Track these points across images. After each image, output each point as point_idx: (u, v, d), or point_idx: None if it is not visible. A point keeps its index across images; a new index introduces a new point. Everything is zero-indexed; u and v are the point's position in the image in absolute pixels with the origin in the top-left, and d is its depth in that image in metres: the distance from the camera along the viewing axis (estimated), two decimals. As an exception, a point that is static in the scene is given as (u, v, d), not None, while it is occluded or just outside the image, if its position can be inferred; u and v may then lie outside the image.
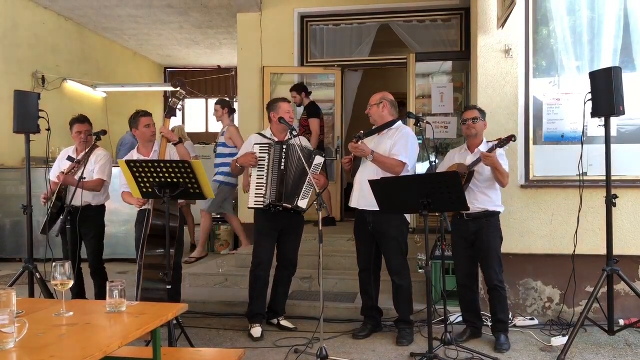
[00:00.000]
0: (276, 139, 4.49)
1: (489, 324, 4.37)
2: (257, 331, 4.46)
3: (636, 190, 4.72)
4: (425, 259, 3.75)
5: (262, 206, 4.36)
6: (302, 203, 4.39)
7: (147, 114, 4.59)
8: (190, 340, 3.98)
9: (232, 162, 4.68)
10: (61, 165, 4.86)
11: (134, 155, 4.59)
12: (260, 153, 4.39)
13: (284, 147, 4.37)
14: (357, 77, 8.33)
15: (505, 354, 4.00)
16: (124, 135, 7.42)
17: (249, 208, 4.49)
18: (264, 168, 4.37)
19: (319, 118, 6.96)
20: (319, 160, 4.43)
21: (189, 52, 11.77)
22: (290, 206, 4.35)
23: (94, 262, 4.85)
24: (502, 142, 4.08)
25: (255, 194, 4.37)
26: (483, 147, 4.19)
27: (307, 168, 4.18)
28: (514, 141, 4.14)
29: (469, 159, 4.22)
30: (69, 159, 4.75)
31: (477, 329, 4.36)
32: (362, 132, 4.30)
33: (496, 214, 4.22)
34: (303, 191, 4.37)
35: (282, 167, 4.34)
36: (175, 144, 4.40)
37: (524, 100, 4.86)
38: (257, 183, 4.38)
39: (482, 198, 4.17)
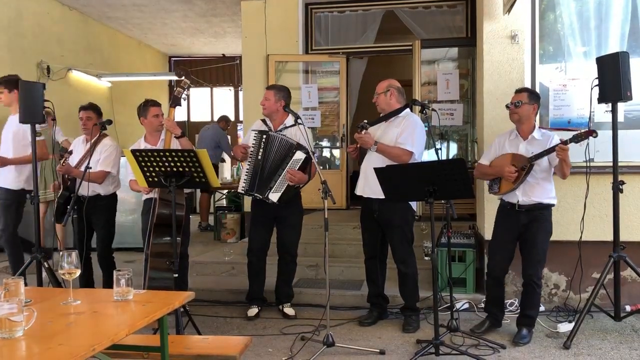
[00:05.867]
0: (272, 127, 4.53)
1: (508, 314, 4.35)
2: (252, 311, 4.66)
3: (643, 176, 4.68)
4: (431, 246, 3.75)
5: (242, 192, 4.52)
6: (274, 196, 4.37)
7: (157, 104, 4.59)
8: (198, 328, 4.01)
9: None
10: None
11: (141, 144, 4.59)
12: (252, 140, 4.47)
13: (264, 136, 4.40)
14: (362, 64, 8.28)
15: (512, 342, 4.00)
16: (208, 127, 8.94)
17: (237, 192, 4.64)
18: (252, 155, 4.44)
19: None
20: (299, 155, 4.34)
21: (193, 40, 11.71)
22: (260, 196, 4.40)
23: (102, 251, 4.87)
24: (580, 137, 3.75)
25: (243, 179, 4.49)
26: (537, 134, 3.99)
27: (284, 161, 4.29)
28: (595, 137, 3.78)
29: (522, 148, 4.00)
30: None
31: (498, 320, 4.28)
32: (365, 121, 4.19)
33: (549, 207, 4.03)
34: (277, 183, 4.37)
35: (259, 157, 4.39)
36: (178, 137, 4.37)
37: (530, 86, 4.82)
38: (245, 169, 4.49)
39: (537, 190, 3.96)
